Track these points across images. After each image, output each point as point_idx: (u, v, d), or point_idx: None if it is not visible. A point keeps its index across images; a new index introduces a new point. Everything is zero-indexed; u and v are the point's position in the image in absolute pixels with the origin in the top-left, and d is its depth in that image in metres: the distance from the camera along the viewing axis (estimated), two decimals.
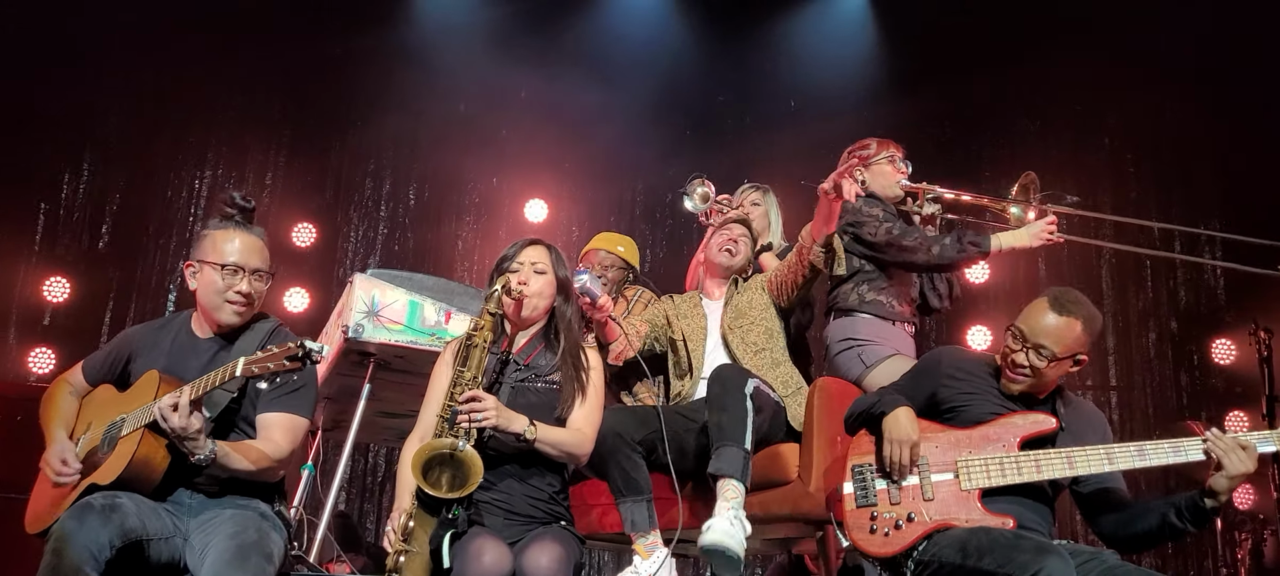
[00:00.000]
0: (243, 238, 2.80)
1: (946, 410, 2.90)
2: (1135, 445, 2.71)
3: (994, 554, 2.51)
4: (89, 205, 7.02)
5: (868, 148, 3.93)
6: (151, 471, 2.64)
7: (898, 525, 2.72)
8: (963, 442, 2.81)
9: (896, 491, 2.77)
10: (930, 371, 2.97)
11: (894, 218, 3.77)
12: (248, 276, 2.77)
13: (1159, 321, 7.20)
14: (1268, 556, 5.95)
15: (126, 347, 2.93)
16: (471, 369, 2.76)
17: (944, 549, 2.63)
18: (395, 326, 3.60)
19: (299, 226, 7.26)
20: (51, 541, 2.45)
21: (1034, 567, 2.41)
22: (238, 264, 2.77)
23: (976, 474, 2.75)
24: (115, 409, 2.79)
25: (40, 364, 6.61)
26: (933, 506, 2.73)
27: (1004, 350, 2.87)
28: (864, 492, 2.80)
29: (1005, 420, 2.81)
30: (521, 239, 3.07)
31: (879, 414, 2.85)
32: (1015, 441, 2.78)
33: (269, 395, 2.74)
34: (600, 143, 7.52)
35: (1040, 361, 2.76)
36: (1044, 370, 2.77)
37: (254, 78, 7.28)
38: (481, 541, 2.55)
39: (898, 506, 2.75)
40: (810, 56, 7.56)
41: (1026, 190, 3.78)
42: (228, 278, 2.77)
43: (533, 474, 2.84)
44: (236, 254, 2.77)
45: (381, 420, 4.34)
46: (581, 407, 2.92)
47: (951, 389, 2.90)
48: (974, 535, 2.62)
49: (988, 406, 2.85)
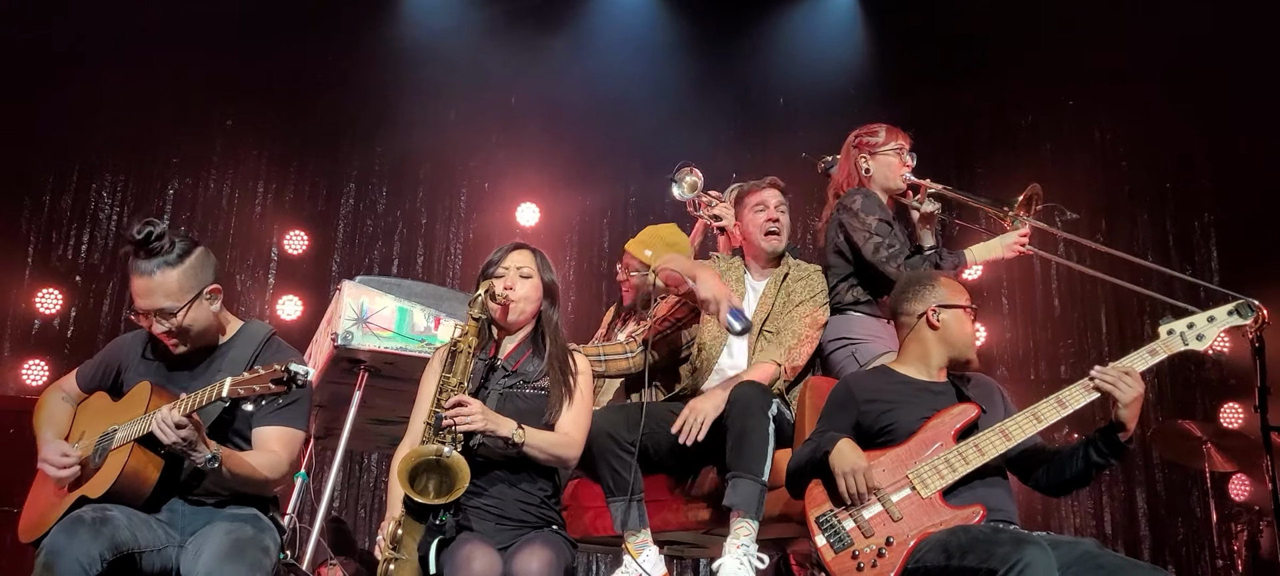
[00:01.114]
0: (140, 282, 2.66)
1: (877, 433, 2.93)
2: (1053, 399, 2.84)
3: (975, 551, 2.54)
4: (81, 216, 7.01)
5: (876, 135, 3.89)
6: (142, 484, 2.65)
7: (881, 553, 2.72)
8: (904, 458, 2.85)
9: (866, 524, 2.76)
10: (846, 404, 3.00)
11: (889, 226, 3.69)
12: (154, 317, 2.67)
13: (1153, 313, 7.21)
14: (1263, 547, 5.96)
15: (117, 357, 2.93)
16: (457, 374, 2.76)
17: (928, 554, 2.66)
18: (384, 333, 3.60)
19: (291, 234, 7.26)
20: (42, 555, 2.45)
21: (1013, 558, 2.44)
22: (143, 309, 2.68)
23: (930, 478, 2.79)
24: (108, 419, 2.79)
25: (33, 375, 6.60)
26: (904, 524, 2.74)
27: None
28: (837, 538, 2.77)
29: (933, 423, 2.88)
30: (507, 244, 3.06)
31: (822, 455, 2.84)
32: (950, 436, 2.85)
33: (261, 414, 2.73)
34: (591, 145, 7.52)
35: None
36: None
37: (245, 86, 7.27)
38: (471, 548, 2.55)
39: (873, 537, 2.74)
40: (801, 55, 7.56)
41: (1030, 203, 3.78)
42: (154, 320, 2.69)
43: (523, 478, 2.83)
44: (139, 299, 2.68)
45: (373, 427, 4.34)
46: (569, 411, 2.92)
47: (873, 411, 2.95)
48: (954, 535, 2.65)
49: (914, 412, 2.91)
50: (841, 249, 3.74)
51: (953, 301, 3.04)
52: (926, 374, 3.03)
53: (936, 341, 3.02)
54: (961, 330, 3.03)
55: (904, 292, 3.10)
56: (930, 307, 3.02)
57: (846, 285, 3.74)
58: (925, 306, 3.03)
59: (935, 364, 3.03)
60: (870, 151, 3.86)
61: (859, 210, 3.70)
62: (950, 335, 3.02)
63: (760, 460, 3.09)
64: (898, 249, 3.63)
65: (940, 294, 3.04)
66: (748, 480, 3.08)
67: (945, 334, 3.02)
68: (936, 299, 3.03)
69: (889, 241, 3.64)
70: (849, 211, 3.72)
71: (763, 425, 3.11)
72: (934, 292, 3.04)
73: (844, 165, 3.93)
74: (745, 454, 3.09)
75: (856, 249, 3.68)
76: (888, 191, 3.87)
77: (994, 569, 2.46)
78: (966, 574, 2.54)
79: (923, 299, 3.04)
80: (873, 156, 3.86)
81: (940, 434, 2.86)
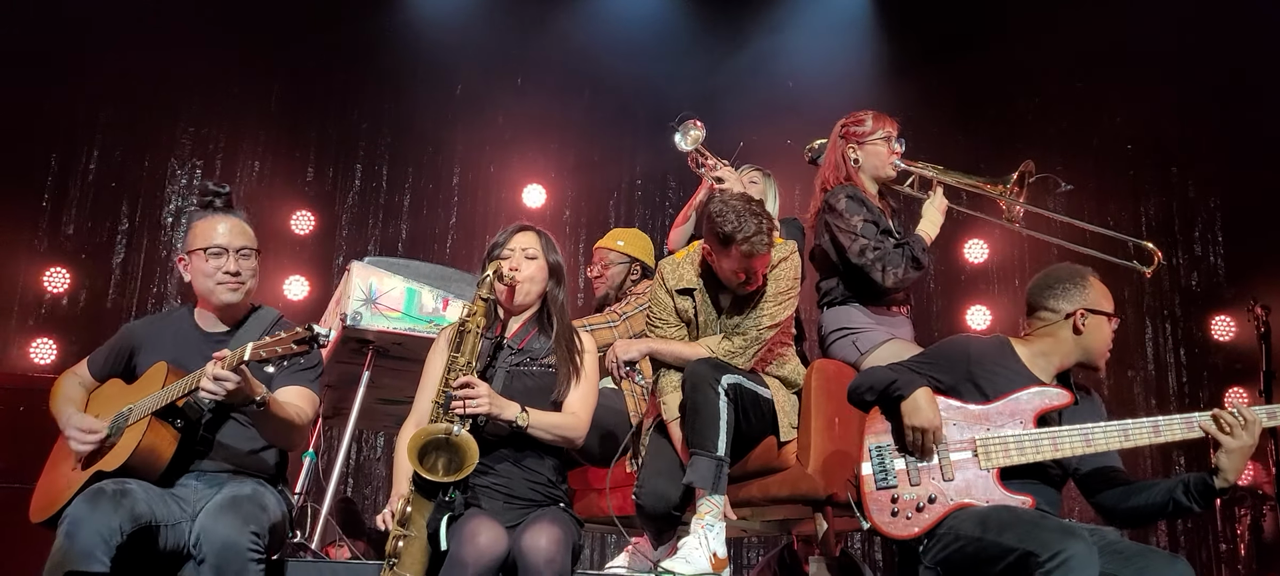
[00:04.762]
0: (223, 221, 2.91)
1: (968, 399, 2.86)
2: (1149, 420, 2.73)
3: (1016, 530, 2.50)
4: (89, 195, 7.01)
5: (863, 124, 3.81)
6: (158, 458, 2.70)
7: (919, 507, 2.70)
8: (980, 419, 2.79)
9: (915, 471, 2.74)
10: (955, 364, 2.89)
11: (875, 225, 3.62)
12: (233, 256, 2.87)
13: (1158, 298, 7.21)
14: (1267, 532, 5.98)
15: (129, 342, 2.98)
16: (465, 354, 2.77)
17: (962, 523, 2.63)
18: (393, 314, 3.61)
19: (298, 214, 7.26)
20: (64, 524, 2.50)
21: (1057, 547, 2.40)
22: (222, 245, 2.87)
23: (996, 453, 2.74)
24: (123, 401, 2.83)
25: (41, 354, 6.62)
26: (953, 487, 2.71)
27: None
28: (884, 474, 2.76)
29: (1022, 394, 2.80)
30: (512, 225, 3.06)
31: (898, 395, 2.78)
32: (1031, 416, 2.78)
33: (281, 376, 2.81)
34: (598, 127, 7.51)
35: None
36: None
37: (252, 65, 7.25)
38: (477, 522, 2.56)
39: (918, 487, 2.72)
40: (808, 38, 7.53)
41: (1023, 178, 3.77)
42: (215, 260, 2.86)
43: (530, 457, 2.85)
44: (219, 237, 2.88)
45: (381, 407, 4.36)
46: (576, 390, 2.93)
47: (980, 386, 2.85)
48: (995, 511, 2.62)
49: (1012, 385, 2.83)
50: (828, 249, 3.70)
51: (1101, 308, 2.89)
52: (1045, 372, 2.89)
53: (1075, 344, 2.88)
54: (1102, 337, 2.88)
55: (1052, 288, 2.92)
56: (1079, 309, 2.86)
57: (838, 278, 3.71)
58: (1074, 307, 2.87)
59: (1059, 363, 2.90)
60: (857, 140, 3.79)
61: (843, 210, 3.62)
62: (1090, 341, 2.87)
63: (713, 435, 3.12)
64: (884, 251, 3.57)
65: (1091, 297, 2.88)
66: (702, 456, 3.13)
67: (1087, 339, 2.87)
68: (1086, 302, 2.87)
69: (875, 243, 3.57)
70: (833, 212, 3.65)
71: (712, 400, 3.15)
72: (1084, 294, 2.88)
73: (831, 155, 3.86)
74: (698, 430, 3.15)
75: (842, 251, 3.62)
76: (878, 180, 3.82)
77: (1033, 552, 2.43)
78: (1001, 550, 2.51)
79: (1071, 299, 2.88)
80: (861, 146, 3.79)
81: (1022, 408, 2.79)
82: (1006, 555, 2.50)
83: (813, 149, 4.16)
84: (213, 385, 2.56)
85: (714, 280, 3.48)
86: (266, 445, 2.87)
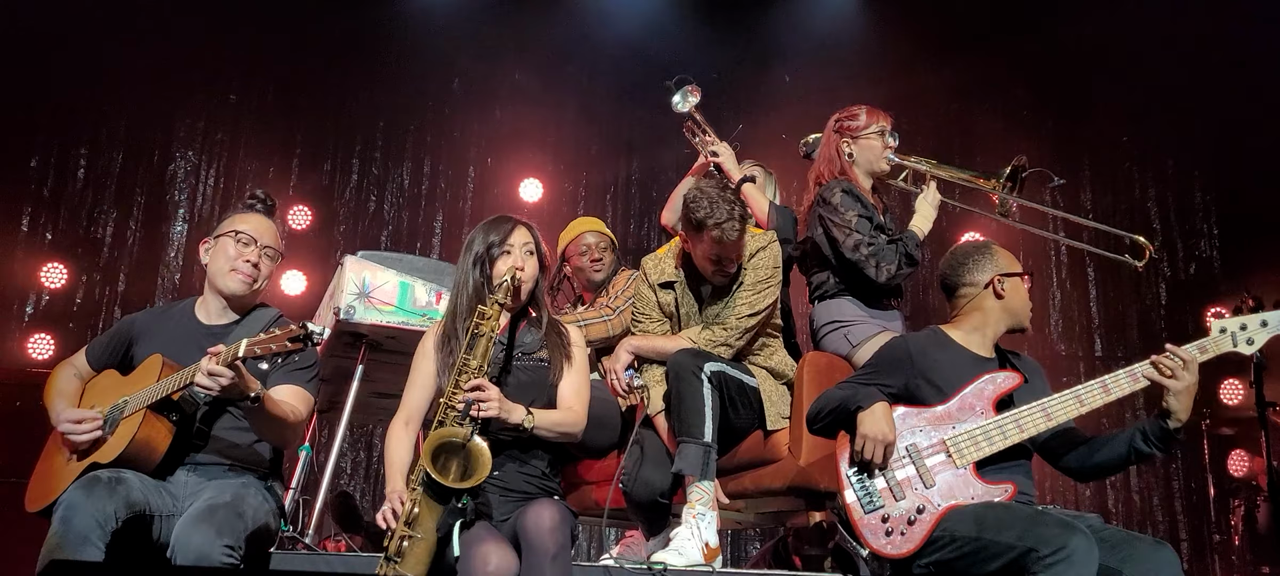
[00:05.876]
0: (261, 219, 3.06)
1: (922, 401, 2.88)
2: (1098, 381, 2.80)
3: (1014, 527, 2.50)
4: (86, 190, 7.02)
5: (856, 118, 3.83)
6: (153, 451, 2.72)
7: (910, 520, 2.68)
8: (943, 420, 2.81)
9: (897, 486, 2.73)
10: (900, 365, 2.93)
11: (869, 220, 3.63)
12: (259, 249, 2.98)
13: (1151, 289, 7.22)
14: (1260, 522, 5.99)
15: (128, 332, 3.00)
16: (478, 358, 2.71)
17: (957, 524, 2.63)
18: (386, 308, 3.62)
19: (295, 209, 7.27)
20: (59, 510, 2.53)
21: (1059, 542, 2.40)
22: (253, 235, 2.99)
23: (967, 448, 2.75)
24: (118, 392, 2.85)
25: (39, 349, 6.63)
26: (936, 492, 2.71)
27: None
28: (868, 497, 2.73)
29: (975, 385, 2.83)
30: (502, 220, 2.96)
31: (855, 409, 2.78)
32: (990, 404, 2.81)
33: (277, 374, 2.85)
34: (595, 120, 7.51)
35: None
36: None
37: (249, 60, 7.27)
38: (487, 547, 2.51)
39: (904, 501, 2.70)
40: (805, 30, 7.53)
41: (1016, 173, 3.79)
42: (241, 247, 2.95)
43: (529, 454, 2.84)
44: (252, 227, 3.00)
45: (375, 401, 4.36)
46: (570, 380, 2.92)
47: (932, 380, 2.88)
48: (989, 509, 2.62)
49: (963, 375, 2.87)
50: (821, 243, 3.70)
51: (1012, 269, 3.00)
52: (982, 347, 2.97)
53: (1000, 310, 2.97)
54: (1021, 297, 3.00)
55: (963, 264, 3.03)
56: (995, 276, 2.97)
57: (831, 272, 3.73)
58: (988, 276, 2.98)
59: (992, 334, 2.99)
60: (852, 135, 3.81)
61: (838, 205, 3.63)
62: (1013, 303, 2.98)
63: (699, 422, 3.16)
64: (879, 246, 3.58)
65: (1001, 263, 3.00)
66: (690, 443, 3.16)
67: (1009, 303, 2.97)
68: (997, 268, 2.99)
69: (870, 238, 3.59)
70: (828, 206, 3.66)
71: (696, 387, 3.19)
72: (994, 262, 3.00)
73: (825, 150, 3.88)
74: (684, 418, 3.19)
75: (836, 245, 3.63)
76: (872, 174, 3.83)
77: (1033, 548, 2.43)
78: (999, 548, 2.51)
79: (984, 269, 2.99)
80: (855, 141, 3.81)
81: (981, 398, 2.82)
82: (1006, 553, 2.50)
83: (807, 143, 4.17)
84: (207, 380, 2.57)
85: (694, 272, 3.51)
86: (261, 439, 2.89)
